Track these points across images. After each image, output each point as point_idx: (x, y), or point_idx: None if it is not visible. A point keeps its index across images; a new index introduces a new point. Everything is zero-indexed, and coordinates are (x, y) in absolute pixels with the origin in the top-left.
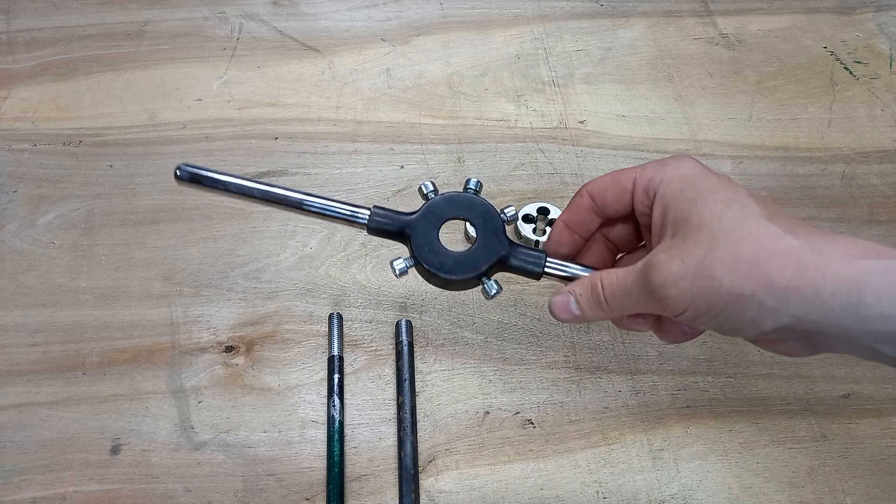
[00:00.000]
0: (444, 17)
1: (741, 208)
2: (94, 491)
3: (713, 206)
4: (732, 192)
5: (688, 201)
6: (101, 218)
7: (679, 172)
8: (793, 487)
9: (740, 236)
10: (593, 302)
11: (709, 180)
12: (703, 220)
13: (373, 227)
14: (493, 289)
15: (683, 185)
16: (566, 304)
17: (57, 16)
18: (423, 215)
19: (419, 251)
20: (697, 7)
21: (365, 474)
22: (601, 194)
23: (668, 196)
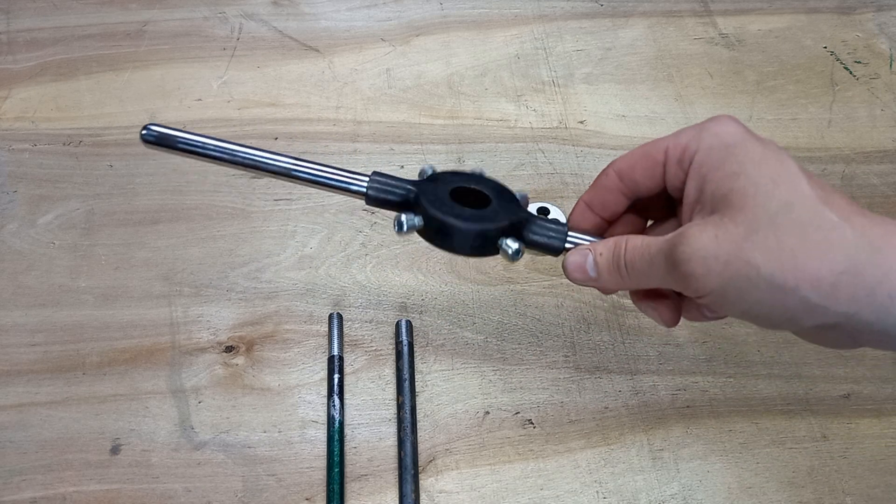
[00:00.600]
0: (444, 17)
1: (791, 188)
2: (94, 491)
3: (758, 184)
4: (781, 165)
5: (728, 176)
6: (101, 218)
7: (719, 140)
8: (793, 487)
9: (787, 221)
10: (612, 265)
11: (754, 150)
12: (745, 200)
13: (372, 195)
14: (513, 247)
15: (724, 155)
16: (582, 264)
17: (57, 16)
18: (432, 180)
19: (431, 205)
20: (697, 7)
21: (365, 474)
22: (629, 171)
23: (707, 168)
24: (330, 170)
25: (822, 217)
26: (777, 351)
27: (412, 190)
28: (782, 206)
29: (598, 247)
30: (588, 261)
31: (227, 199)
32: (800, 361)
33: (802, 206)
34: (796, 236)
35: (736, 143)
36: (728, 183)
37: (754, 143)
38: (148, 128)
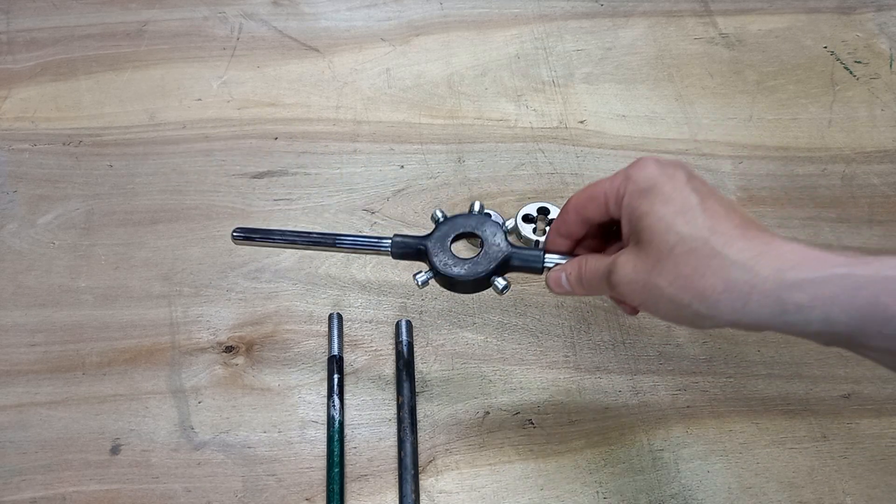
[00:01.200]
0: (444, 16)
1: (687, 223)
2: (94, 491)
3: (662, 221)
4: (684, 202)
5: (642, 215)
6: (101, 218)
7: (637, 186)
8: (793, 487)
9: (682, 252)
10: (577, 281)
11: (663, 190)
12: (652, 236)
13: (396, 252)
14: (502, 285)
15: (640, 198)
16: (559, 280)
17: (57, 16)
18: (436, 235)
19: (438, 263)
20: (697, 7)
21: (365, 474)
22: (582, 209)
23: (629, 208)
24: (363, 239)
25: (707, 247)
26: (777, 351)
27: (423, 244)
28: (679, 240)
29: (567, 267)
30: (562, 278)
31: (227, 199)
32: (800, 361)
33: (693, 239)
34: (689, 265)
35: (649, 187)
36: (642, 221)
37: (665, 184)
38: (237, 230)
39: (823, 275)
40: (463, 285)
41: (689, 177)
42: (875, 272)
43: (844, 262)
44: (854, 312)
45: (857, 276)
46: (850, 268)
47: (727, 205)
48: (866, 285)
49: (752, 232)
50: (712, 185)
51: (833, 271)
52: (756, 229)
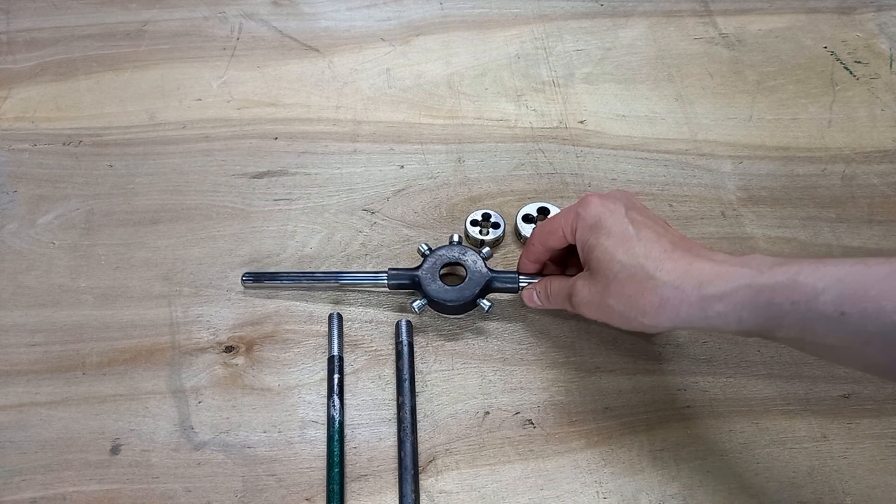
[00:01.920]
0: (444, 16)
1: (625, 251)
2: (94, 491)
3: (605, 253)
4: (622, 233)
5: (591, 247)
6: (101, 218)
7: (584, 222)
8: (793, 487)
9: (624, 277)
10: (545, 298)
11: (605, 224)
12: (599, 265)
13: (392, 284)
14: (487, 306)
15: (588, 233)
16: (531, 296)
17: (57, 16)
18: (426, 266)
19: (430, 291)
20: (697, 7)
21: (365, 474)
22: (545, 240)
23: (580, 242)
24: (363, 275)
25: (643, 272)
26: (777, 351)
27: (416, 275)
28: (621, 267)
29: (537, 286)
30: (533, 295)
31: (227, 199)
32: (800, 361)
33: (631, 266)
34: (630, 287)
35: (595, 224)
36: (591, 253)
37: (607, 218)
38: (245, 275)
39: (733, 286)
40: (454, 308)
41: (627, 209)
42: (769, 279)
43: (748, 273)
44: (758, 313)
45: (757, 285)
46: (752, 279)
47: (658, 232)
48: (763, 291)
49: (678, 254)
50: (646, 210)
51: (740, 282)
52: (681, 251)
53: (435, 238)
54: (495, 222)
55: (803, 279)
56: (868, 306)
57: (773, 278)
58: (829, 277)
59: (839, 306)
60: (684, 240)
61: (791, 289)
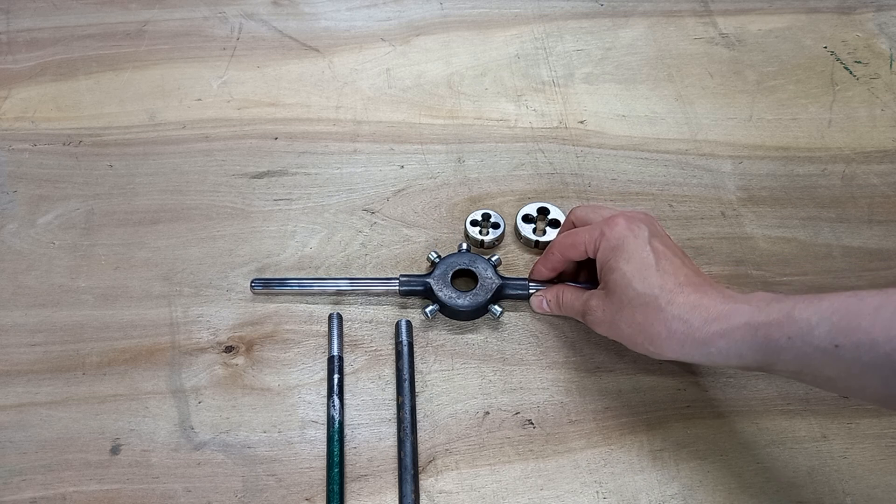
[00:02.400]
0: (444, 16)
1: (642, 280)
2: (94, 491)
3: (623, 278)
4: (642, 261)
5: (610, 269)
6: (101, 218)
7: (608, 243)
8: (793, 487)
9: (638, 305)
10: (556, 305)
11: (628, 248)
12: (615, 288)
13: (403, 290)
14: (498, 311)
15: (609, 254)
16: (540, 303)
17: (57, 16)
18: (437, 273)
19: (443, 297)
20: (697, 7)
21: (365, 474)
22: (566, 252)
23: (601, 261)
24: (375, 282)
25: (656, 303)
26: None
27: (427, 282)
28: (635, 295)
29: (548, 294)
30: (543, 302)
31: (227, 199)
32: None
33: (646, 295)
34: (642, 315)
35: (617, 246)
36: (610, 275)
37: (630, 242)
38: (255, 280)
39: (734, 323)
40: (466, 314)
41: (651, 236)
42: (766, 316)
43: (748, 311)
44: (757, 349)
45: (755, 322)
46: (752, 316)
47: (676, 264)
48: (761, 327)
49: (690, 289)
50: (668, 239)
51: (740, 320)
52: (693, 286)
53: (435, 238)
54: (495, 222)
55: (798, 314)
56: (861, 338)
57: (770, 315)
58: (822, 311)
59: (833, 339)
60: (698, 274)
61: (787, 324)
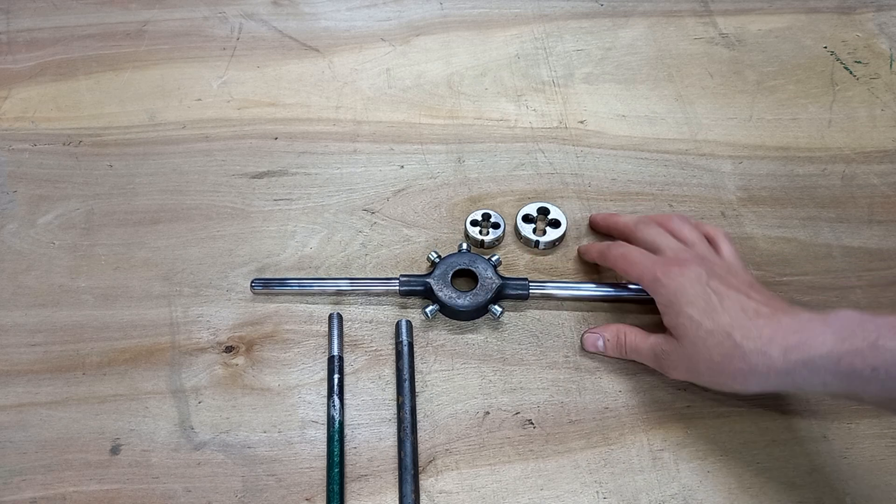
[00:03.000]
0: (444, 16)
1: (711, 320)
2: (94, 491)
3: (692, 321)
4: (706, 302)
5: (674, 314)
6: (101, 218)
7: (666, 290)
8: (793, 487)
9: (712, 345)
10: (615, 347)
11: (687, 294)
12: (686, 332)
13: (403, 290)
14: (498, 311)
15: (670, 299)
16: (595, 342)
17: (57, 16)
18: (438, 273)
19: (444, 297)
20: (697, 7)
21: (365, 474)
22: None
23: (662, 305)
24: (375, 282)
25: (730, 340)
26: None
27: (427, 282)
28: (708, 335)
29: (606, 333)
30: (599, 342)
31: (227, 199)
32: None
33: (718, 334)
34: (719, 355)
35: (677, 291)
36: (675, 318)
37: (689, 289)
38: (255, 280)
39: (816, 353)
40: (466, 314)
41: (708, 277)
42: (850, 345)
43: (831, 340)
44: (841, 378)
45: (838, 352)
46: (834, 345)
47: (741, 300)
48: (845, 357)
49: (762, 321)
50: (725, 277)
51: (822, 349)
52: (765, 318)
53: (435, 238)
54: (495, 222)
55: (883, 343)
56: None
57: (853, 343)
58: None
59: None
60: (769, 303)
61: (870, 355)
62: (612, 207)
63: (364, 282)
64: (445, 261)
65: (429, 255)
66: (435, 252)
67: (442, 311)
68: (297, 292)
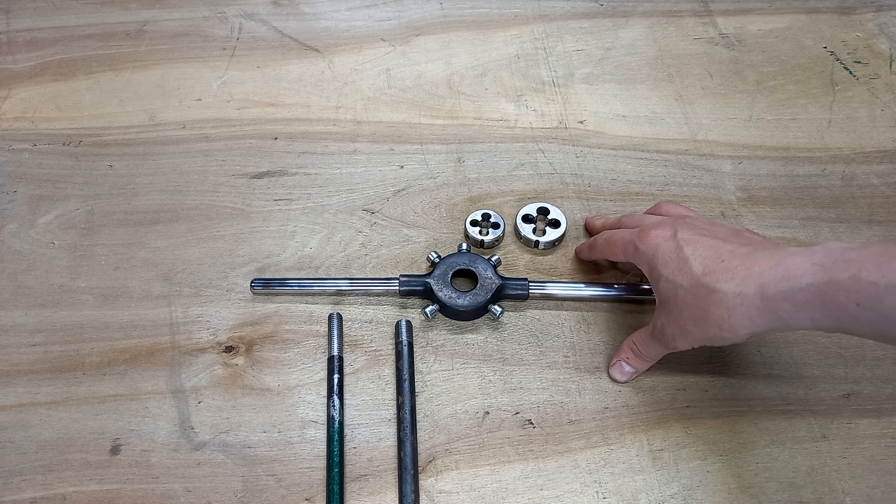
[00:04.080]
0: (444, 16)
1: (683, 274)
2: (94, 491)
3: (668, 283)
4: (676, 258)
5: (655, 280)
6: (101, 218)
7: (644, 256)
8: (793, 487)
9: (689, 299)
10: (636, 358)
11: (661, 255)
12: (668, 296)
13: (403, 290)
14: (498, 311)
15: (650, 265)
16: (622, 368)
17: (57, 16)
18: (437, 273)
19: (443, 297)
20: (697, 7)
21: (365, 474)
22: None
23: (648, 275)
24: (375, 282)
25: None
26: (777, 351)
27: (427, 282)
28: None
29: (621, 354)
30: (623, 365)
31: (227, 199)
32: (800, 361)
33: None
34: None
35: (653, 255)
36: (657, 284)
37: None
38: (255, 280)
39: (797, 285)
40: (466, 314)
41: (676, 231)
42: (830, 276)
43: (811, 270)
44: (828, 314)
45: (819, 284)
46: (815, 276)
47: (711, 244)
48: (827, 291)
49: (736, 261)
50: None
51: (802, 281)
52: (738, 258)
53: (435, 238)
54: (495, 222)
55: (866, 276)
56: None
57: (834, 275)
58: (891, 274)
59: None
60: (746, 244)
61: (854, 289)
62: (612, 207)
63: (364, 282)
64: (445, 261)
65: (429, 255)
66: (435, 252)
67: (442, 311)
68: (297, 292)
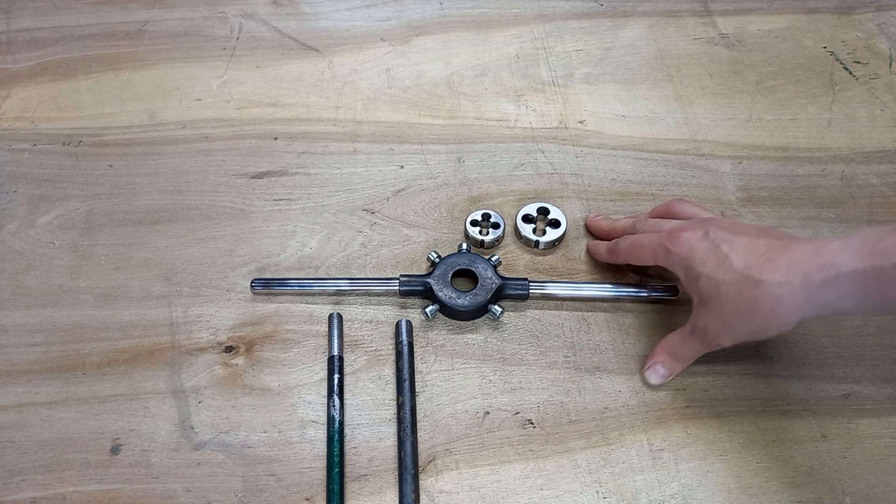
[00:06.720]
0: (444, 16)
1: (725, 271)
2: (94, 491)
3: (709, 280)
4: (715, 256)
5: (693, 280)
6: (101, 218)
7: (678, 258)
8: (793, 487)
9: (733, 294)
10: (671, 360)
11: (697, 254)
12: (709, 293)
13: (403, 290)
14: (498, 311)
15: (685, 265)
16: (657, 372)
17: (57, 16)
18: (437, 273)
19: (444, 297)
20: (697, 7)
21: (365, 474)
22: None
23: (682, 276)
24: (375, 282)
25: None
26: (777, 351)
27: (427, 282)
28: (727, 286)
29: (655, 357)
30: (658, 368)
31: (227, 199)
32: (799, 362)
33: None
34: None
35: (688, 255)
36: (695, 284)
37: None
38: (255, 280)
39: (840, 273)
40: (466, 314)
41: (707, 231)
42: (875, 262)
43: (850, 259)
44: (872, 300)
45: (861, 271)
46: (858, 263)
47: (751, 241)
48: (870, 280)
49: (775, 252)
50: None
51: (842, 269)
52: (778, 250)
53: (435, 238)
54: (495, 222)
55: None
56: None
57: (874, 262)
58: None
59: None
60: (780, 238)
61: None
62: (612, 207)
63: (364, 282)
64: (445, 261)
65: (429, 255)
66: (435, 252)
67: (442, 311)
68: (297, 292)
